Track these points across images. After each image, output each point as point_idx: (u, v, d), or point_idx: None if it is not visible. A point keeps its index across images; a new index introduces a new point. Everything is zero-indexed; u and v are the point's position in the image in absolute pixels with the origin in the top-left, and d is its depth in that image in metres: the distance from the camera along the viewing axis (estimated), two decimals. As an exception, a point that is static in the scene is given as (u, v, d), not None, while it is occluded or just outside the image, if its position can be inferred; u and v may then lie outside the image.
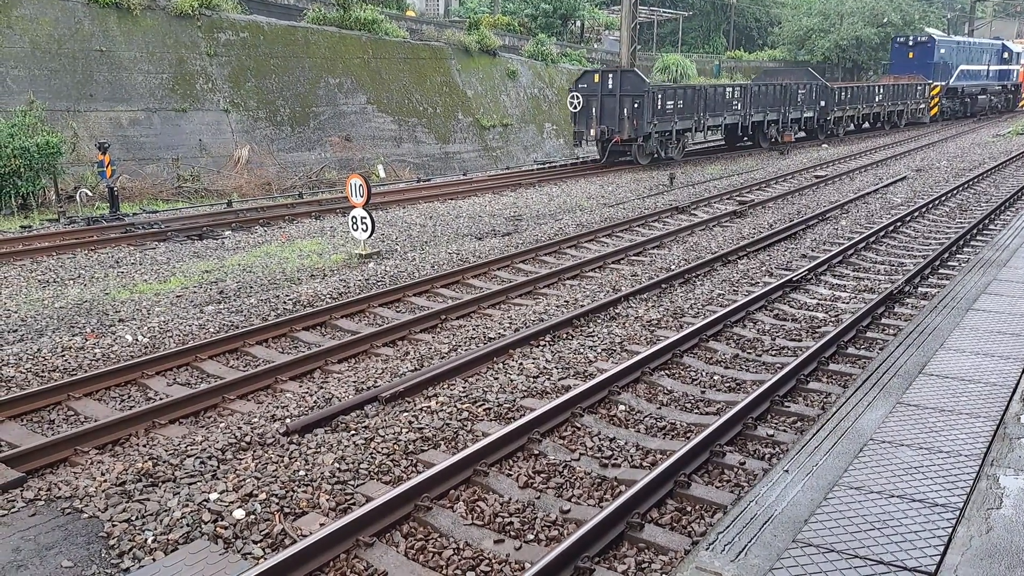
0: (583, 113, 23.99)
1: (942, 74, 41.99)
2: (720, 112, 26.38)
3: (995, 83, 49.24)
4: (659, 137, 24.29)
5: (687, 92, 24.99)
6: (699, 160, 26.86)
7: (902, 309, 9.74)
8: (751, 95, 27.59)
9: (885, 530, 3.92)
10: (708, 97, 25.74)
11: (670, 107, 23.92)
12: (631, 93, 22.99)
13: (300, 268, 12.12)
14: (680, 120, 24.67)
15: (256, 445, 6.23)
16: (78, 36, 20.40)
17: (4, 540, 4.93)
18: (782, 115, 29.35)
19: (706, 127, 26.11)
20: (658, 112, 23.48)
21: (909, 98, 38.54)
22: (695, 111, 25.05)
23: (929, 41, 42.30)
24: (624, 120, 23.14)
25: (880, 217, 15.91)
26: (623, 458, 6.15)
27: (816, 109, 31.15)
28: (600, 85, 23.41)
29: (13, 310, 9.95)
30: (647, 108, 22.96)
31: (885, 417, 5.22)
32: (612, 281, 11.19)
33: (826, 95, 31.51)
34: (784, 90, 29.35)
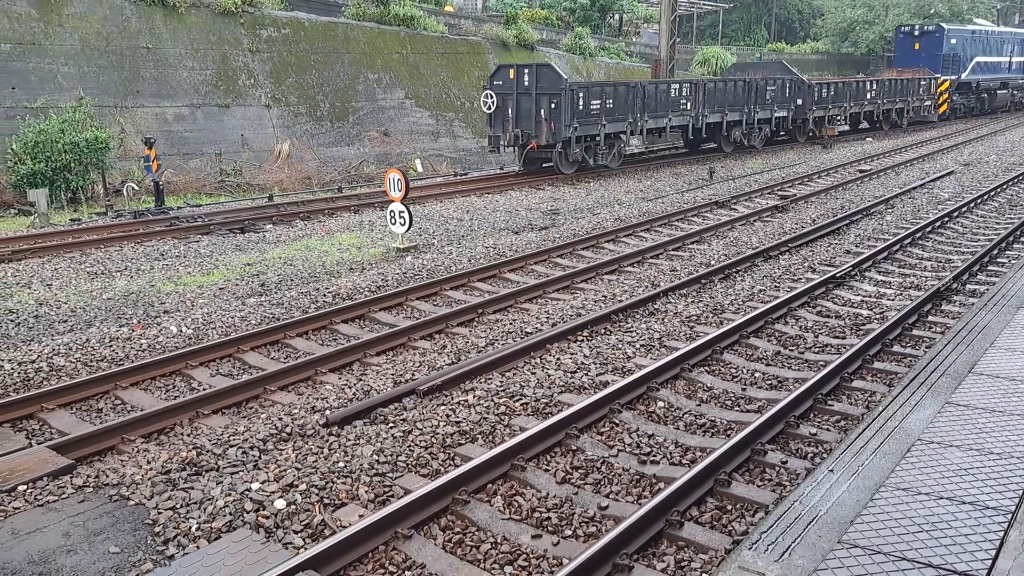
0: (498, 114, 20.61)
1: (953, 67, 37.97)
2: (664, 113, 22.59)
3: (1019, 76, 44.97)
4: (584, 142, 20.88)
5: (618, 90, 21.40)
6: (741, 155, 26.52)
7: (950, 307, 9.53)
8: (705, 93, 23.86)
9: (934, 533, 3.84)
10: (647, 95, 22.07)
11: (596, 107, 20.42)
12: (547, 91, 19.67)
13: (339, 261, 12.22)
14: (610, 122, 21.06)
15: (296, 436, 6.30)
16: (125, 34, 20.77)
17: (55, 525, 5.04)
18: (746, 115, 25.52)
19: (645, 130, 22.36)
20: (579, 113, 19.93)
21: (911, 94, 34.42)
22: (630, 112, 21.49)
23: (937, 31, 38.57)
24: (541, 123, 19.80)
25: (927, 212, 15.59)
26: (662, 455, 6.11)
27: (790, 108, 27.40)
28: (515, 82, 20.04)
29: (63, 301, 10.17)
30: (565, 109, 19.50)
31: (933, 417, 5.11)
32: (651, 276, 11.11)
33: (803, 92, 27.78)
34: (748, 87, 25.35)
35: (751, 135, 26.26)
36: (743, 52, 51.79)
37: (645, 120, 22.09)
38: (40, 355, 8.01)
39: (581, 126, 20.13)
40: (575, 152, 20.59)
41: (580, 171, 21.10)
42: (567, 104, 19.50)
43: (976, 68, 39.78)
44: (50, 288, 10.83)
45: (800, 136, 28.85)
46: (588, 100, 20.14)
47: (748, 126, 25.93)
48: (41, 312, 9.68)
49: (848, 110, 30.49)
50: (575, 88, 19.85)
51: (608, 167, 21.75)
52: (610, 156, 21.89)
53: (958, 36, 38.71)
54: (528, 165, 21.39)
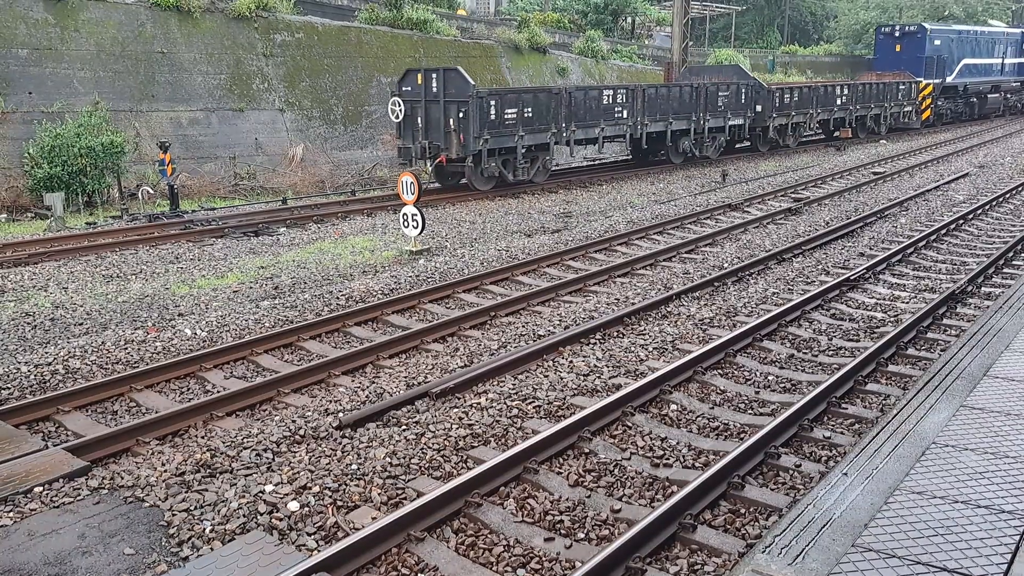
0: (408, 123, 18.53)
1: (937, 70, 35.24)
2: (595, 122, 20.34)
3: (1012, 79, 41.75)
4: (500, 155, 18.54)
5: (538, 97, 19.05)
6: (752, 157, 26.43)
7: (965, 310, 9.46)
8: (644, 100, 21.50)
9: (949, 536, 3.81)
10: (574, 103, 19.70)
11: (511, 117, 18.10)
12: (456, 99, 17.55)
13: (352, 264, 12.26)
14: (528, 133, 18.70)
15: (310, 438, 6.32)
16: (141, 39, 20.92)
17: (70, 527, 5.08)
18: (695, 124, 23.23)
19: (572, 142, 20.06)
20: (491, 123, 17.72)
21: (888, 100, 31.90)
22: (553, 122, 19.24)
23: (919, 31, 35.69)
24: (450, 133, 17.71)
25: (941, 215, 15.49)
26: (675, 458, 6.10)
27: (747, 116, 25.07)
28: (424, 88, 17.97)
29: (79, 304, 10.25)
30: (474, 118, 17.35)
31: (948, 420, 5.08)
32: (663, 279, 11.09)
33: (763, 98, 25.51)
34: (695, 93, 23.05)
35: (702, 145, 24.02)
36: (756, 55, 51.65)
37: (572, 131, 19.78)
38: (56, 358, 8.08)
39: (494, 138, 17.90)
40: (490, 166, 18.31)
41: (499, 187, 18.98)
42: (476, 113, 17.39)
43: (964, 71, 37.22)
44: (66, 291, 10.92)
45: (762, 145, 26.59)
46: (502, 109, 17.91)
47: (698, 135, 23.69)
48: (57, 315, 9.76)
49: (815, 117, 27.99)
50: (484, 95, 17.66)
51: (533, 182, 19.64)
52: (533, 170, 19.51)
53: (942, 37, 36.04)
54: (444, 180, 19.72)
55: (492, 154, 18.16)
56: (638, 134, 21.71)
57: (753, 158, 26.26)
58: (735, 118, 24.69)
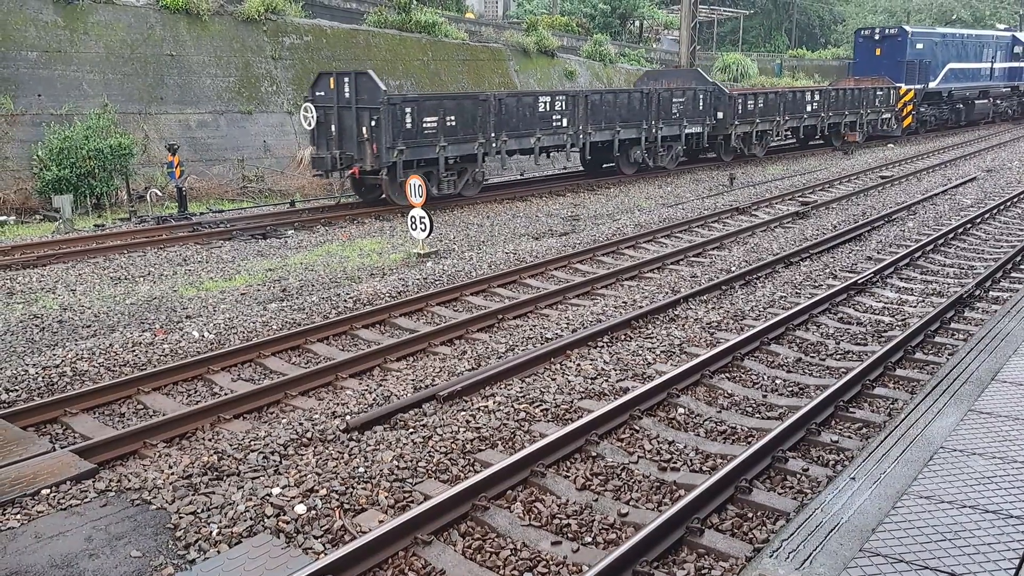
0: (322, 132, 16.89)
1: (920, 74, 33.30)
2: (530, 130, 18.70)
3: (1001, 84, 39.49)
4: (421, 167, 16.74)
5: (463, 104, 17.33)
6: (761, 160, 26.39)
7: (973, 314, 9.43)
8: (587, 107, 19.89)
9: (957, 542, 3.80)
10: (505, 111, 18.05)
11: (431, 125, 16.58)
12: (368, 105, 16.02)
13: (360, 267, 12.28)
14: (451, 144, 17.06)
15: (317, 441, 6.33)
16: (150, 41, 21.01)
17: (77, 529, 5.09)
18: (647, 132, 21.65)
19: (504, 152, 18.30)
20: (408, 133, 16.18)
21: (865, 106, 30.00)
22: (481, 131, 17.56)
23: (899, 34, 33.68)
24: (364, 143, 16.21)
25: (949, 219, 15.44)
26: (682, 462, 6.08)
27: (706, 123, 23.53)
28: (336, 93, 16.50)
29: (87, 306, 10.29)
30: (387, 127, 15.81)
31: (956, 425, 5.06)
32: (671, 282, 11.08)
33: (724, 105, 23.86)
34: (646, 100, 21.40)
35: (656, 155, 22.38)
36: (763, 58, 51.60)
37: (503, 141, 18.02)
38: (64, 360, 8.11)
39: (411, 148, 16.30)
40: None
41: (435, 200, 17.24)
42: (388, 121, 15.86)
43: (949, 76, 35.26)
44: (74, 293, 10.96)
45: (725, 155, 25.03)
46: (419, 117, 16.36)
47: (650, 145, 22.12)
48: (65, 317, 9.80)
49: (783, 124, 26.29)
50: (398, 102, 16.09)
51: (463, 196, 18.17)
52: (461, 184, 17.91)
53: (925, 40, 34.11)
54: (364, 194, 18.00)
55: (410, 166, 16.41)
56: (580, 144, 20.09)
57: (760, 162, 26.21)
58: (692, 126, 23.14)
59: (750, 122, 24.85)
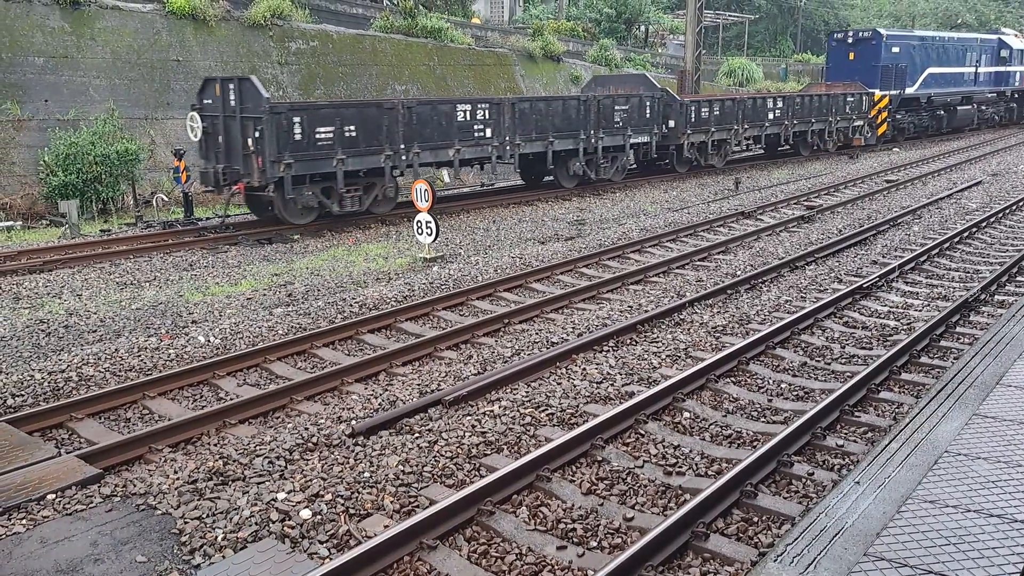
0: (210, 143, 15.36)
1: (896, 79, 31.33)
2: (447, 141, 16.86)
3: (986, 89, 37.44)
4: (316, 183, 15.23)
5: (363, 113, 15.52)
6: (761, 165, 26.37)
7: (978, 318, 9.40)
8: (515, 116, 17.97)
9: (961, 546, 3.79)
10: (416, 119, 16.27)
11: (326, 136, 14.90)
12: (252, 114, 14.41)
13: (366, 271, 12.31)
14: (351, 157, 15.31)
15: (323, 446, 6.34)
16: (156, 46, 21.11)
17: (82, 534, 5.11)
18: (584, 143, 19.75)
19: (417, 166, 16.50)
20: (297, 144, 14.54)
21: (835, 113, 28.20)
22: (388, 142, 15.80)
23: (873, 37, 31.85)
24: (249, 156, 14.56)
25: (954, 223, 15.40)
26: (688, 466, 6.08)
27: (654, 132, 21.63)
28: (222, 100, 14.92)
29: (93, 311, 10.33)
30: (271, 138, 14.14)
31: (961, 429, 5.05)
32: (676, 286, 11.08)
33: (675, 113, 22.12)
34: (584, 107, 19.54)
35: (598, 167, 20.52)
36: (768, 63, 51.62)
37: (415, 153, 16.31)
38: (70, 365, 8.14)
39: (301, 162, 14.62)
40: (304, 196, 15.08)
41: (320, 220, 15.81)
42: (273, 132, 14.18)
43: (929, 81, 33.32)
44: (80, 298, 11.00)
45: (678, 166, 23.26)
46: (311, 127, 14.68)
47: (589, 156, 20.22)
48: (71, 322, 9.83)
49: (742, 133, 24.37)
50: (284, 111, 14.40)
51: (372, 213, 16.42)
52: (369, 200, 16.12)
53: (901, 44, 32.18)
54: (260, 211, 16.21)
55: (301, 181, 14.88)
56: (507, 156, 18.12)
57: (766, 166, 26.19)
58: (638, 135, 21.25)
59: (704, 131, 23.10)
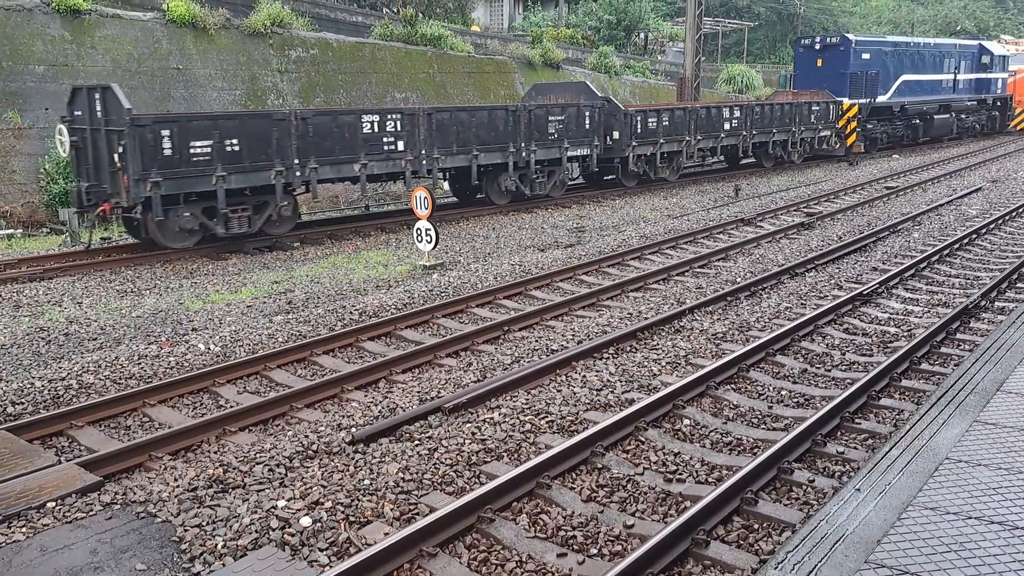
0: (82, 158, 13.97)
1: (867, 87, 29.82)
2: (352, 155, 15.48)
3: (966, 97, 35.91)
4: (198, 202, 13.79)
5: (248, 124, 14.11)
6: (763, 172, 26.40)
7: (978, 324, 9.41)
8: (432, 127, 16.62)
9: (962, 553, 3.78)
10: (312, 131, 14.80)
11: (203, 151, 13.41)
12: (116, 126, 13.02)
13: (366, 279, 12.31)
14: (234, 173, 13.83)
15: (322, 453, 6.33)
16: (157, 55, 21.17)
17: (82, 542, 5.10)
18: (514, 156, 18.24)
19: (315, 181, 15.09)
20: (166, 160, 13.07)
21: (798, 123, 26.82)
22: (279, 157, 14.36)
23: (841, 43, 30.21)
24: (116, 173, 13.25)
25: (954, 229, 15.42)
26: (688, 473, 6.07)
27: (594, 144, 20.25)
28: (90, 111, 13.61)
29: (93, 319, 10.34)
30: (135, 153, 12.76)
31: (961, 435, 5.04)
32: (676, 293, 11.08)
33: (619, 123, 20.74)
34: (514, 118, 18.10)
35: (532, 182, 19.08)
36: (768, 70, 51.71)
37: (312, 169, 14.86)
38: (70, 372, 8.14)
39: (172, 180, 13.19)
40: (182, 217, 13.61)
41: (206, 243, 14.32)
42: (137, 147, 12.76)
43: (903, 88, 31.81)
44: (80, 306, 11.01)
45: (625, 180, 21.92)
46: (183, 141, 13.22)
47: (521, 170, 18.73)
48: (71, 330, 9.84)
49: (694, 145, 23.04)
50: (149, 123, 12.97)
51: (268, 234, 14.99)
52: (261, 220, 14.60)
53: (872, 50, 30.54)
54: (138, 234, 14.57)
55: (174, 201, 13.45)
56: (424, 171, 16.73)
57: (765, 173, 26.22)
58: (577, 148, 19.85)
59: (652, 142, 21.68)
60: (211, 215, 13.94)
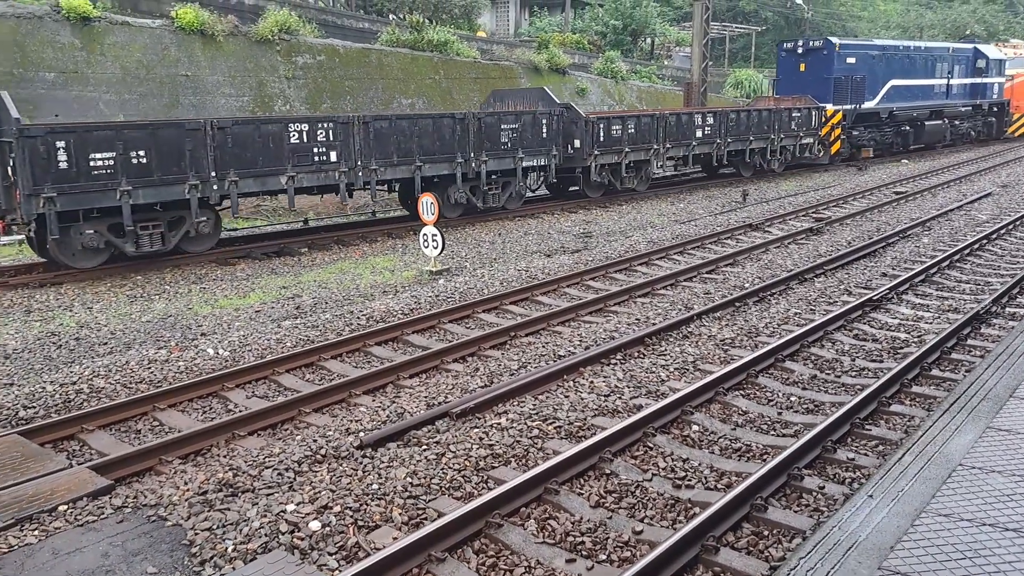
0: None
1: (853, 93, 28.63)
2: (278, 167, 14.35)
3: (960, 103, 34.68)
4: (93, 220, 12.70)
5: (157, 134, 12.94)
6: (772, 176, 26.37)
7: (990, 330, 9.36)
8: (370, 136, 15.53)
9: (977, 560, 3.76)
10: (232, 142, 13.72)
11: (105, 163, 12.37)
12: (6, 137, 12.06)
13: (373, 284, 12.33)
14: (142, 188, 12.82)
15: (331, 458, 6.34)
16: (165, 62, 21.27)
17: (94, 546, 5.11)
18: (464, 167, 17.17)
19: (235, 195, 13.97)
20: (62, 174, 12.02)
21: (778, 130, 25.48)
22: (194, 168, 13.30)
23: (825, 46, 29.00)
24: (10, 187, 12.32)
25: (965, 235, 15.36)
26: (697, 479, 6.05)
27: (554, 155, 19.06)
28: None
29: (103, 324, 10.37)
30: (24, 167, 11.82)
31: (974, 442, 5.02)
32: (684, 299, 11.06)
33: (580, 131, 19.56)
34: (462, 126, 17.00)
35: (484, 195, 17.98)
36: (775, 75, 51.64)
37: (231, 181, 13.73)
38: (81, 377, 8.17)
39: (68, 195, 12.12)
40: (85, 235, 12.62)
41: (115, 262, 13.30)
42: (26, 159, 11.80)
43: (892, 94, 30.58)
44: (91, 311, 11.05)
45: (589, 190, 20.80)
46: (81, 152, 12.16)
47: (471, 182, 17.61)
48: (82, 335, 9.88)
49: (663, 153, 21.94)
50: (39, 134, 11.95)
51: (185, 252, 14.03)
52: (178, 236, 13.63)
53: (858, 53, 29.34)
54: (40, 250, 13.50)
55: (72, 218, 12.47)
56: (361, 183, 15.69)
57: (773, 178, 26.18)
58: (533, 157, 18.62)
59: (617, 151, 20.53)
60: (119, 232, 12.94)
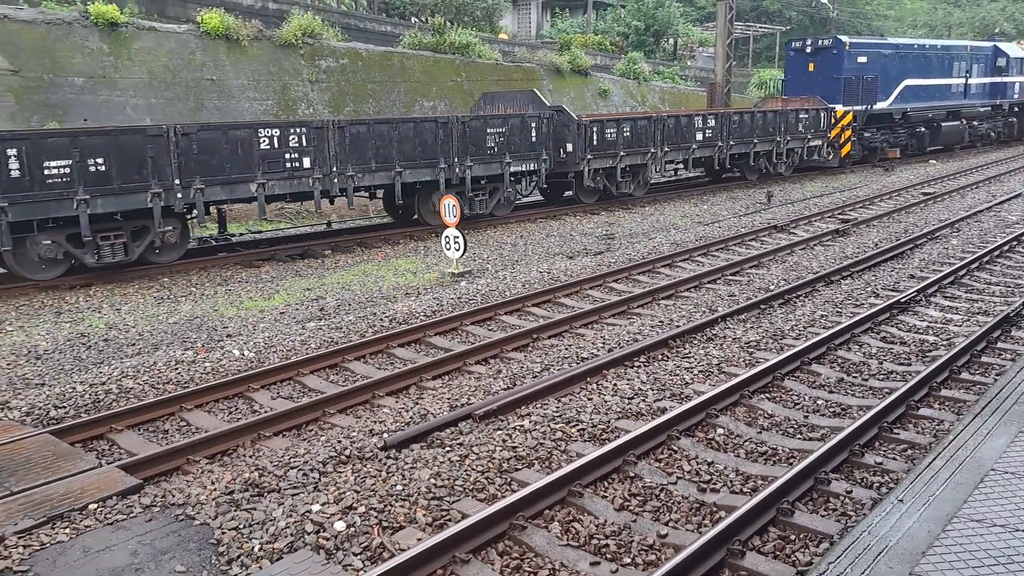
0: None
1: (864, 93, 27.45)
2: (248, 174, 13.80)
3: (979, 103, 33.26)
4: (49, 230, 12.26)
5: (116, 141, 12.41)
6: (796, 178, 26.15)
7: (1020, 333, 9.22)
8: (346, 142, 14.95)
9: (1010, 566, 3.70)
10: (197, 148, 13.17)
11: (60, 172, 11.92)
12: None
13: (395, 286, 12.37)
14: (101, 196, 12.32)
15: (355, 459, 6.36)
16: (191, 66, 21.50)
17: (123, 544, 5.17)
18: (448, 172, 16.52)
19: (201, 203, 13.43)
20: (14, 183, 11.60)
21: (784, 132, 24.52)
22: (156, 176, 12.76)
23: (835, 46, 27.76)
24: None
25: (994, 236, 15.15)
26: (722, 483, 6.01)
27: (545, 159, 18.44)
28: None
29: (131, 325, 10.49)
30: None
31: (1007, 446, 4.94)
32: (708, 301, 11.00)
33: (573, 135, 18.80)
34: (444, 131, 16.37)
35: (471, 201, 17.28)
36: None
37: (197, 189, 13.24)
38: (110, 377, 8.26)
39: (21, 204, 11.72)
40: (41, 246, 12.18)
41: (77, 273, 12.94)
42: None
43: (906, 94, 29.36)
44: (119, 312, 11.18)
45: (583, 196, 20.21)
46: (33, 160, 11.73)
47: (456, 188, 16.82)
48: (111, 336, 9.99)
49: (661, 157, 21.14)
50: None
51: (152, 262, 13.55)
52: (142, 246, 13.13)
53: (869, 52, 28.14)
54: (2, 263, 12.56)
55: (25, 228, 12.05)
56: (337, 190, 15.07)
57: (798, 179, 25.97)
58: (521, 162, 17.95)
59: (611, 155, 19.72)
60: (78, 243, 12.46)
